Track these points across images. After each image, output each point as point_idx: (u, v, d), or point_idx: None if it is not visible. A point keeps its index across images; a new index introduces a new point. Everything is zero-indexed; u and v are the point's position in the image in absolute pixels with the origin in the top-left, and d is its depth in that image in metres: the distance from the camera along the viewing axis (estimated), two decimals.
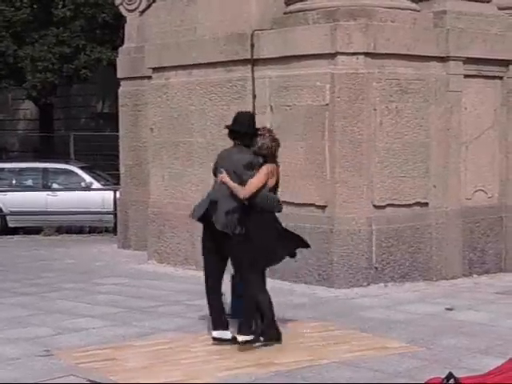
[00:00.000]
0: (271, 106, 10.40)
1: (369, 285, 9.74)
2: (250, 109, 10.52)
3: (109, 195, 16.21)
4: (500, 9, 11.13)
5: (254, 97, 10.54)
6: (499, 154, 10.90)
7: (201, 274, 7.54)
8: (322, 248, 9.80)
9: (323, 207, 9.89)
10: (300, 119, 10.05)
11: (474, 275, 10.57)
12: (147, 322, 8.10)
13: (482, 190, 10.78)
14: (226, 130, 7.42)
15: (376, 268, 9.81)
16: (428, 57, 10.23)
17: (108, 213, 16.17)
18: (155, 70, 12.01)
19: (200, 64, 11.23)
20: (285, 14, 10.55)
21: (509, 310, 8.63)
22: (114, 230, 15.20)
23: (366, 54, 9.77)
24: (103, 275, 11.08)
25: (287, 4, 10.60)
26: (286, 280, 10.05)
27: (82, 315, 8.48)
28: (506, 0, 11.39)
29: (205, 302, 7.45)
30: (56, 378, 6.34)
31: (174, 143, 11.63)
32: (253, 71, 10.57)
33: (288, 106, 10.18)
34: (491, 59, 10.68)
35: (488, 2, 11.06)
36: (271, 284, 8.72)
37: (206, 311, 7.49)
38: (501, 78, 10.88)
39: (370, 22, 9.79)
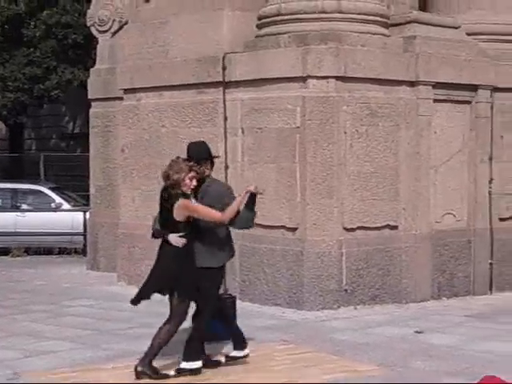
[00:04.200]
0: (242, 129, 10.42)
1: (339, 307, 9.76)
2: (221, 131, 10.58)
3: (78, 216, 16.11)
4: (468, 34, 11.27)
5: (226, 119, 10.57)
6: (468, 178, 10.99)
7: None
8: (292, 270, 9.81)
9: (294, 229, 9.91)
10: (271, 142, 10.08)
11: (444, 298, 10.63)
12: (116, 345, 8.04)
13: (451, 214, 10.86)
14: None
15: (346, 290, 9.83)
16: (398, 81, 10.33)
17: (78, 234, 16.08)
18: (127, 91, 12.01)
19: (171, 86, 11.24)
20: (257, 37, 10.61)
21: (477, 333, 8.69)
22: (84, 252, 15.12)
23: (337, 78, 9.85)
24: (72, 297, 10.99)
25: (259, 27, 10.67)
26: (256, 302, 10.05)
27: (51, 338, 8.41)
28: (475, 26, 11.54)
29: None
30: None
31: (145, 165, 11.61)
32: (224, 93, 10.61)
33: (259, 128, 10.22)
34: (460, 84, 10.80)
35: (457, 28, 11.21)
36: (240, 306, 8.74)
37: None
38: (469, 102, 11.00)
39: (340, 46, 9.87)
